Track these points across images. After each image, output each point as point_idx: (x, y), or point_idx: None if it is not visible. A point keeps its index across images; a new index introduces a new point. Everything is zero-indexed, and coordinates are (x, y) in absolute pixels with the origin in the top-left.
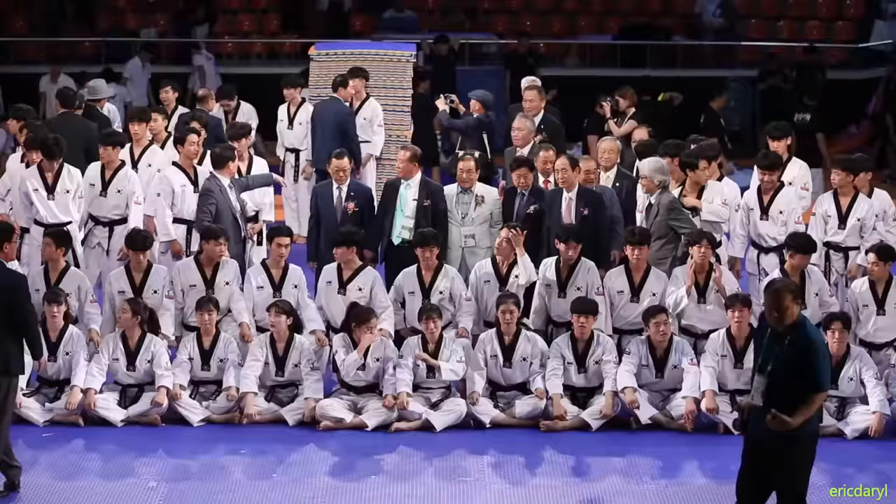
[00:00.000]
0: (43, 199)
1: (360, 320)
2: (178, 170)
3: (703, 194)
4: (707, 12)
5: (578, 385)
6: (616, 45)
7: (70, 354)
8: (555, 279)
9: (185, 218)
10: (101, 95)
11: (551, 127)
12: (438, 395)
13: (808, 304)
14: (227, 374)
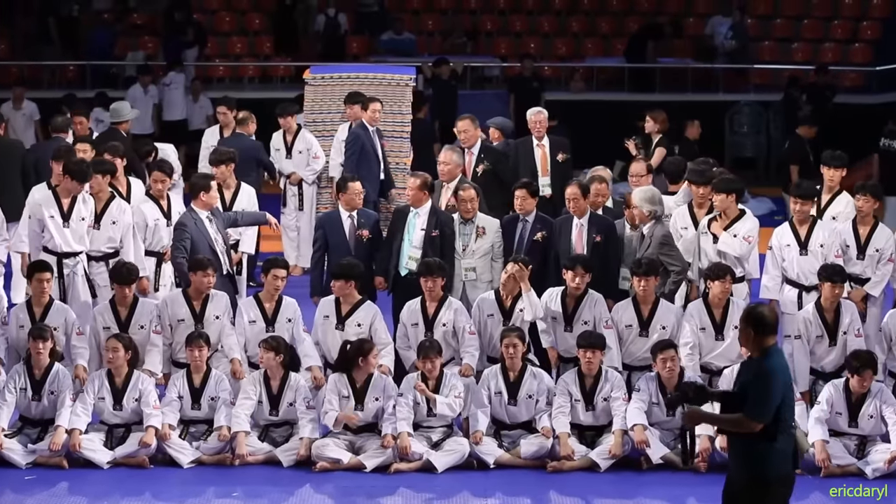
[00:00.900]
0: (59, 227)
1: (361, 352)
2: (150, 202)
3: (734, 224)
4: (718, 35)
5: (586, 423)
6: (624, 69)
7: (55, 394)
8: (560, 312)
9: (156, 251)
10: (124, 118)
11: (493, 156)
12: (440, 434)
13: (837, 340)
14: (219, 412)
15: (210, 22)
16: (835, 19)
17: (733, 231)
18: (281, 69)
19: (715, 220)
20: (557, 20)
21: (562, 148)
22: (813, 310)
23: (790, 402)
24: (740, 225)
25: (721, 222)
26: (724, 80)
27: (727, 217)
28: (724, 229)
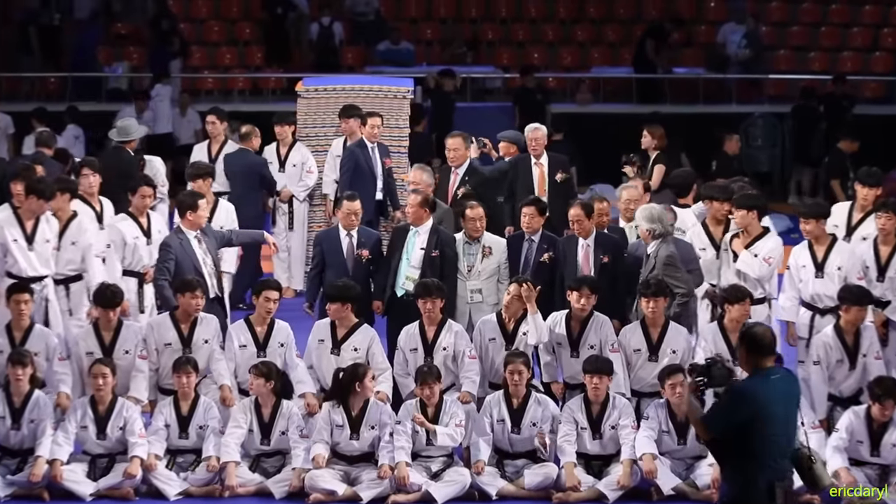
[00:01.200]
0: (23, 251)
1: (356, 377)
2: (129, 220)
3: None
4: (731, 43)
5: (593, 452)
6: (632, 79)
7: (35, 422)
8: (565, 336)
9: (137, 271)
10: (132, 137)
11: (477, 178)
12: (440, 464)
13: (857, 364)
14: (207, 442)
15: (199, 31)
16: (854, 26)
17: (754, 250)
18: (272, 81)
19: (736, 237)
20: (562, 28)
21: (561, 167)
22: (833, 333)
23: (774, 437)
24: (762, 244)
25: (742, 240)
26: (738, 90)
27: (749, 235)
28: (745, 247)
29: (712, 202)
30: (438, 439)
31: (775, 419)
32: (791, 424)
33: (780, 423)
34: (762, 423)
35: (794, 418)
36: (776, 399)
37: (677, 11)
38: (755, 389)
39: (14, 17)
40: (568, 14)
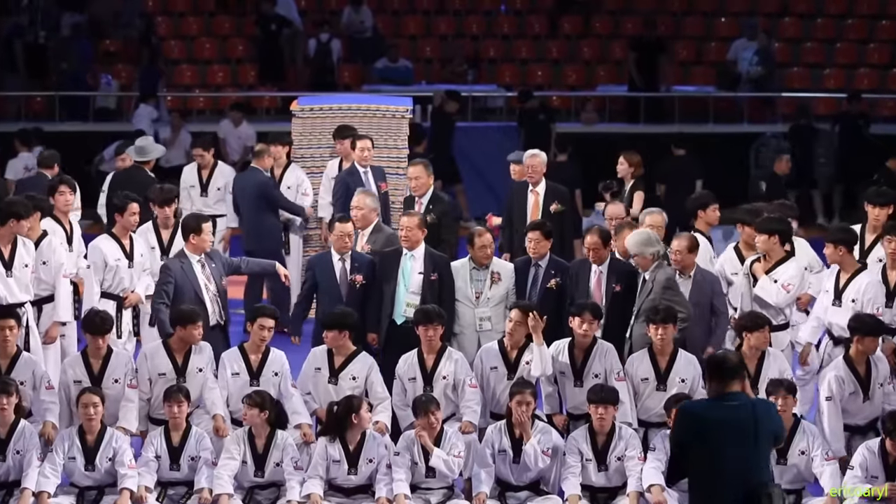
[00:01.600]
0: (2, 277)
1: (351, 409)
2: (111, 241)
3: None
4: (743, 61)
5: (598, 484)
6: (639, 98)
7: (21, 453)
8: (569, 365)
9: (116, 293)
10: (150, 157)
11: (441, 207)
12: (439, 496)
13: (871, 394)
14: (199, 473)
15: (189, 48)
16: (871, 42)
17: (774, 275)
18: (266, 100)
19: (758, 262)
20: (567, 45)
21: (558, 197)
22: (843, 365)
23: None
24: (782, 270)
25: (763, 265)
26: (749, 109)
27: (770, 259)
28: (765, 272)
29: (744, 227)
30: (433, 461)
31: (722, 444)
32: (749, 453)
33: (730, 448)
34: (706, 447)
35: (753, 448)
36: (726, 424)
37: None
38: (701, 411)
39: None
40: (572, 30)
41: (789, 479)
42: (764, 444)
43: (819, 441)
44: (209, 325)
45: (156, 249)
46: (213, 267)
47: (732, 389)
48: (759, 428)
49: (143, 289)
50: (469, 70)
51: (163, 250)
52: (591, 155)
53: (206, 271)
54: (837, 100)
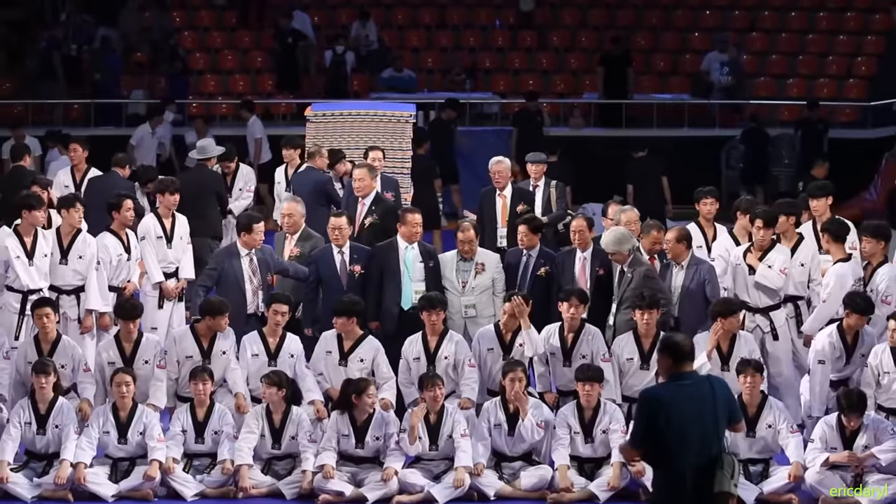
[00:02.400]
0: (24, 265)
1: (357, 390)
2: (112, 237)
3: (768, 255)
4: (714, 70)
5: (585, 455)
6: (622, 105)
7: (59, 427)
8: (559, 347)
9: (117, 286)
10: (210, 155)
11: (383, 209)
12: (442, 466)
13: (854, 360)
14: (222, 446)
15: (213, 60)
16: (830, 55)
17: (767, 262)
18: (283, 106)
19: (749, 252)
20: (556, 57)
21: (523, 199)
22: (836, 333)
23: (683, 437)
24: (774, 255)
25: (755, 253)
26: (720, 115)
27: (760, 248)
28: (758, 260)
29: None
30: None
31: (686, 421)
32: (706, 426)
33: (694, 424)
34: (671, 426)
35: (710, 420)
36: (683, 401)
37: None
38: (660, 394)
39: (39, 46)
40: (561, 43)
41: (758, 450)
42: (721, 416)
43: (784, 415)
44: (247, 313)
45: (162, 239)
46: (260, 262)
47: (685, 370)
48: (718, 401)
49: (136, 278)
50: (467, 79)
51: (167, 238)
52: (578, 156)
53: (253, 265)
54: (800, 107)
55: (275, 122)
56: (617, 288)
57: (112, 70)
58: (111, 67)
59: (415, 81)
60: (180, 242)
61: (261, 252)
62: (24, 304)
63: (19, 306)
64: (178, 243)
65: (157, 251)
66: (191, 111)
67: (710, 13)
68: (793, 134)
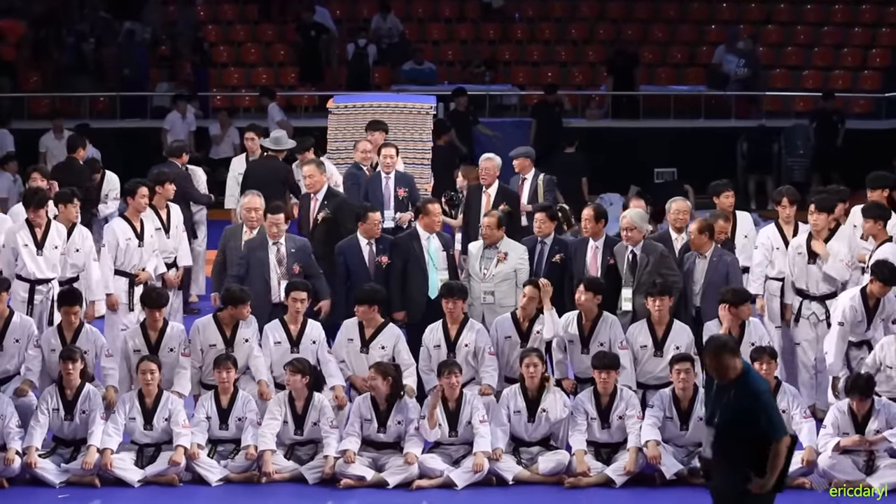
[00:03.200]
0: (32, 255)
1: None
2: (124, 222)
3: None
4: (730, 63)
5: (602, 441)
6: (638, 96)
7: (86, 413)
8: (577, 335)
9: (128, 272)
10: (284, 147)
11: (335, 203)
12: (461, 451)
13: (875, 325)
14: (246, 432)
15: (237, 53)
16: (845, 47)
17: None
18: (305, 99)
19: (814, 239)
20: (574, 49)
21: (507, 199)
22: (859, 297)
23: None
24: (837, 245)
25: (819, 241)
26: (736, 107)
27: (820, 234)
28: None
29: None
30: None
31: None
32: None
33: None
34: None
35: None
36: None
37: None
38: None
39: (65, 42)
40: (579, 35)
41: None
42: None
43: (798, 401)
44: (272, 302)
45: (161, 230)
46: (289, 252)
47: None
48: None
49: (152, 267)
50: (486, 71)
51: (165, 229)
52: (595, 147)
53: (279, 255)
54: (815, 98)
55: (297, 113)
56: (631, 273)
57: (139, 64)
58: (138, 62)
59: (435, 74)
60: (177, 232)
61: (293, 243)
62: (31, 293)
63: (27, 295)
64: (175, 233)
65: (158, 242)
66: (214, 104)
67: (725, 5)
68: (807, 125)
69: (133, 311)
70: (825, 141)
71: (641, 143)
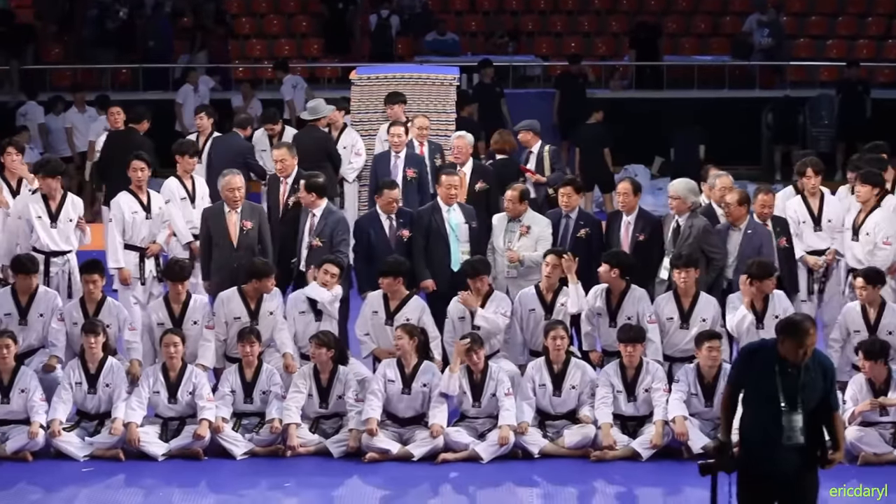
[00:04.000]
0: (45, 227)
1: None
2: (129, 195)
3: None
4: (755, 32)
5: (628, 414)
6: (662, 67)
7: (110, 386)
8: (605, 308)
9: (137, 245)
10: (321, 115)
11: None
12: (487, 424)
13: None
14: (270, 405)
15: (259, 25)
16: (869, 16)
17: (866, 229)
18: (328, 70)
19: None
20: (597, 20)
21: (483, 176)
22: None
23: None
24: (873, 222)
25: (861, 216)
26: (760, 77)
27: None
28: (861, 223)
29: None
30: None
31: None
32: None
33: None
34: None
35: None
36: None
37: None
38: None
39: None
40: (603, 5)
41: None
42: None
43: None
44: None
45: (186, 200)
46: (318, 224)
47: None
48: None
49: (163, 239)
50: (510, 42)
51: (191, 198)
52: (619, 119)
53: (312, 222)
54: (839, 68)
55: (320, 85)
56: (672, 243)
57: (164, 36)
58: (163, 34)
59: (458, 45)
60: (202, 203)
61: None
62: (47, 265)
63: (43, 268)
64: (201, 204)
65: (182, 212)
66: (237, 75)
67: None
68: (832, 94)
69: (144, 285)
70: (850, 111)
71: (665, 113)
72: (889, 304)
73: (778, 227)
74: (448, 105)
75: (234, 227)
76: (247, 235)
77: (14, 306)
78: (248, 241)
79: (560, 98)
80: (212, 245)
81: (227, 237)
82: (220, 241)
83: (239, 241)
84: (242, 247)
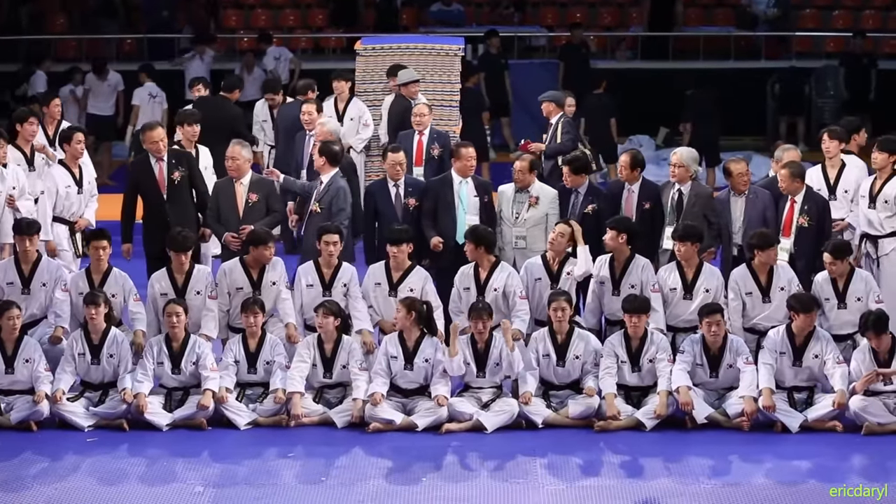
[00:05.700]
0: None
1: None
2: (62, 169)
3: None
4: (759, 3)
5: (632, 384)
6: (668, 37)
7: (113, 357)
8: (609, 276)
9: (67, 218)
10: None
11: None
12: (489, 394)
13: None
14: (274, 376)
15: None
16: None
17: (884, 196)
18: (333, 41)
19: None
20: None
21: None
22: None
23: None
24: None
25: (877, 184)
26: (766, 47)
27: (884, 174)
28: (878, 191)
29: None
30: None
31: None
32: None
33: None
34: None
35: None
36: None
37: None
38: None
39: None
40: None
41: (803, 379)
42: None
43: (831, 346)
44: None
45: None
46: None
47: None
48: None
49: (91, 213)
50: (515, 13)
51: None
52: (625, 89)
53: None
54: (845, 38)
55: (325, 56)
56: (674, 211)
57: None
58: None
59: (463, 15)
60: (205, 173)
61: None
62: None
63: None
64: (205, 174)
65: None
66: (241, 46)
67: None
68: (837, 65)
69: (80, 257)
70: (855, 82)
71: (671, 84)
72: (858, 271)
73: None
74: (453, 75)
75: (240, 200)
76: (252, 208)
77: (17, 275)
78: (253, 214)
79: (564, 69)
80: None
81: (235, 210)
82: (226, 214)
83: (244, 214)
84: (248, 219)
